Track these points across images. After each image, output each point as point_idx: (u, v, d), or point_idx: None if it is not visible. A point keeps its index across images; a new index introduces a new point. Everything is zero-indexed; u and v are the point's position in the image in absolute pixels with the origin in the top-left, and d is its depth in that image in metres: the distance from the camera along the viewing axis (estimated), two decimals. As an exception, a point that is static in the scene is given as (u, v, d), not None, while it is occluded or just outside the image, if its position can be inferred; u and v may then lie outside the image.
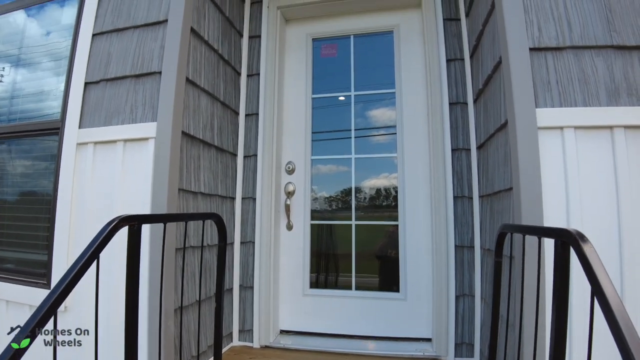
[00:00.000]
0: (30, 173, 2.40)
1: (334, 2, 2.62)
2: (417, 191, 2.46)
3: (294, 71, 2.74)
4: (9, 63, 2.60)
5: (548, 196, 1.48)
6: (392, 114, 2.60)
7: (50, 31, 2.46)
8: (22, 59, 2.55)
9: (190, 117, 2.02)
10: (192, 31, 2.03)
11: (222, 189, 2.38)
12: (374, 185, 2.61)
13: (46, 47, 2.44)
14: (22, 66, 2.55)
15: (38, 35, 2.52)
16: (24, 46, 2.55)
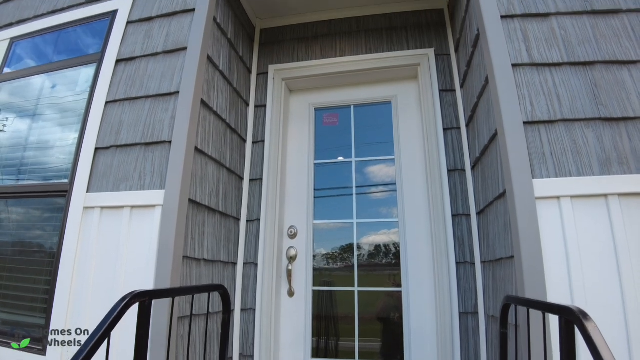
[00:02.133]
0: (34, 234, 2.43)
1: (335, 75, 2.82)
2: (420, 256, 2.49)
3: (297, 138, 2.88)
4: (25, 123, 2.72)
5: (550, 265, 1.52)
6: (392, 179, 2.70)
7: (66, 96, 2.60)
8: (37, 120, 2.68)
9: (197, 184, 2.10)
10: (202, 103, 2.17)
11: (224, 254, 2.42)
12: (377, 249, 2.65)
13: (61, 111, 2.58)
14: (37, 127, 2.66)
15: (54, 99, 2.66)
16: (40, 109, 2.69)
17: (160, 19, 2.41)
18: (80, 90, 2.50)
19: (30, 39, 2.93)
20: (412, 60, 2.75)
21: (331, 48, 2.87)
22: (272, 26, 3.07)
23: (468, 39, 2.29)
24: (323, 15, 2.97)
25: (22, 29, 2.99)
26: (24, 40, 2.95)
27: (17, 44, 2.98)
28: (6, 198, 2.55)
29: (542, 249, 1.53)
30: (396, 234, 2.61)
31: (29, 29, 2.95)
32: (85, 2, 2.79)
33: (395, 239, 2.61)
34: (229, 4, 2.62)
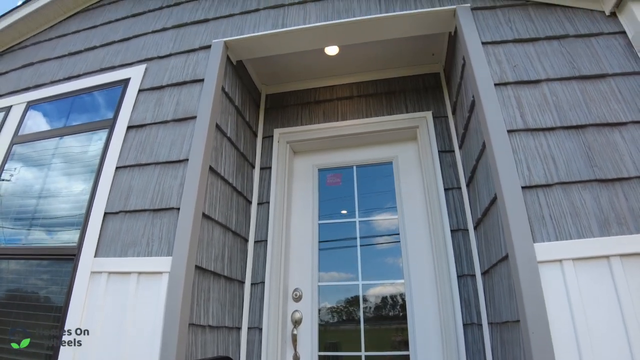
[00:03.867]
0: (40, 296, 2.46)
1: (338, 137, 2.99)
2: (427, 318, 2.51)
3: (302, 199, 2.99)
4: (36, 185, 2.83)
5: (556, 329, 1.56)
6: (395, 238, 2.77)
7: (78, 160, 2.73)
8: (48, 182, 2.78)
9: (203, 250, 2.18)
10: (210, 169, 2.30)
11: (229, 319, 2.44)
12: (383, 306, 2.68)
13: (72, 175, 2.69)
14: (48, 190, 2.76)
15: (66, 163, 2.78)
16: (51, 171, 2.80)
17: (170, 87, 2.60)
18: (92, 155, 2.63)
19: (45, 103, 3.12)
20: (411, 123, 2.92)
21: (333, 112, 3.05)
22: (277, 92, 3.29)
23: (464, 104, 2.45)
24: (325, 82, 3.20)
25: (38, 93, 3.20)
26: (40, 104, 3.14)
27: (33, 107, 3.16)
28: (15, 258, 2.61)
29: (547, 313, 1.58)
30: (402, 290, 2.65)
31: (45, 94, 3.15)
32: (99, 70, 3.00)
33: (401, 296, 2.64)
34: (236, 73, 2.83)
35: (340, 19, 2.53)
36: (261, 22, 2.69)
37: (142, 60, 2.86)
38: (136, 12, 3.28)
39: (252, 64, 3.04)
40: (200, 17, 2.89)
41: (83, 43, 3.36)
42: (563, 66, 2.09)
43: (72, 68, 3.19)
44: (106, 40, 3.20)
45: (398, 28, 2.55)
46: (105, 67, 2.99)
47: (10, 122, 3.19)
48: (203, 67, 2.57)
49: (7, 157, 3.00)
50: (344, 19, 2.52)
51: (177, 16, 3.03)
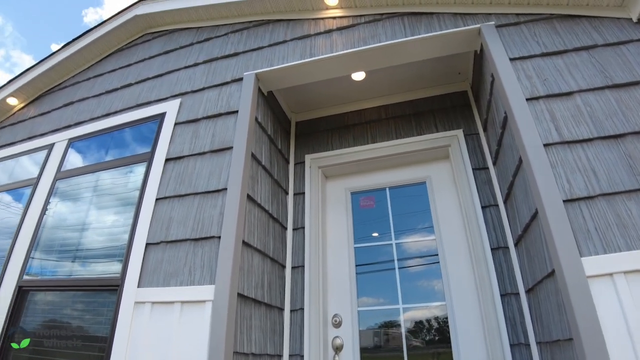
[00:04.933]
0: (87, 327, 2.55)
1: (368, 160, 3.05)
2: (471, 338, 2.48)
3: (336, 223, 3.03)
4: (80, 218, 2.97)
5: (612, 345, 1.53)
6: (434, 259, 2.77)
7: (118, 193, 2.87)
8: (91, 216, 2.93)
9: (244, 277, 2.23)
10: (248, 197, 2.38)
11: (270, 347, 2.47)
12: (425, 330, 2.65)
13: (113, 207, 2.83)
14: (91, 222, 2.91)
15: (107, 196, 2.93)
16: (94, 205, 2.95)
17: (205, 120, 2.73)
18: (132, 188, 2.76)
19: (86, 139, 3.31)
20: (442, 142, 2.95)
21: (363, 135, 3.12)
22: (306, 119, 3.40)
23: (496, 120, 2.48)
24: (353, 106, 3.28)
25: (79, 131, 3.40)
26: (81, 140, 3.34)
27: (74, 144, 3.36)
28: (60, 290, 2.73)
29: (601, 329, 1.55)
30: (444, 312, 2.62)
31: (85, 131, 3.35)
32: (135, 106, 3.17)
33: (443, 319, 2.62)
34: (268, 104, 2.94)
35: (366, 45, 2.63)
36: (289, 53, 2.81)
37: (176, 95, 3.01)
38: (168, 49, 3.47)
39: (281, 93, 3.16)
40: (231, 51, 3.05)
41: (119, 81, 3.56)
42: (594, 76, 2.10)
43: (110, 105, 3.38)
44: (141, 77, 3.39)
45: (424, 50, 2.63)
46: (141, 102, 3.16)
47: (53, 158, 3.39)
48: (236, 99, 2.69)
49: (51, 192, 3.18)
50: (370, 45, 2.61)
51: (208, 51, 3.19)
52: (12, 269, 2.99)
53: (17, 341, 2.44)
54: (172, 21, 3.70)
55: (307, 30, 2.91)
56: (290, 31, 2.96)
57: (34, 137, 3.87)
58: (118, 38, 3.99)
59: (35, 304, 2.87)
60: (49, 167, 3.38)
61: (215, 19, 3.43)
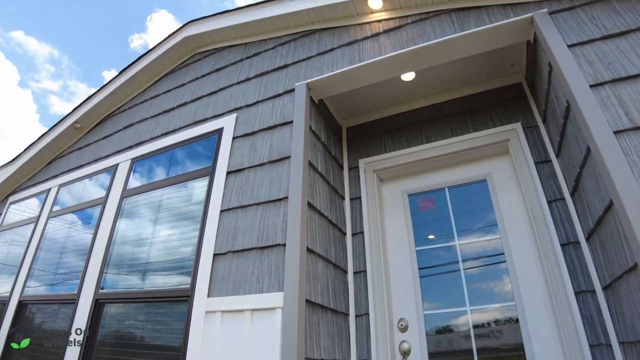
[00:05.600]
0: (158, 337, 2.69)
1: (424, 161, 3.03)
2: (546, 343, 2.38)
3: (395, 226, 3.04)
4: (146, 233, 3.16)
5: None
6: (500, 258, 2.71)
7: (183, 207, 3.03)
8: (157, 230, 3.11)
9: (311, 284, 2.29)
10: (309, 204, 2.44)
11: (338, 353, 2.50)
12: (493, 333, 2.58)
13: (179, 221, 2.99)
14: (158, 237, 3.09)
15: (172, 210, 3.10)
16: (159, 219, 3.13)
17: (262, 132, 2.83)
18: (196, 201, 2.91)
19: (148, 158, 3.52)
20: (501, 137, 2.89)
21: (417, 136, 3.11)
22: (356, 124, 3.44)
23: (557, 111, 2.40)
24: (404, 107, 3.28)
25: (140, 150, 3.62)
26: (143, 159, 3.55)
27: (137, 163, 3.58)
28: (133, 302, 2.90)
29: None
30: (514, 313, 2.55)
31: (146, 150, 3.56)
32: (193, 123, 3.33)
33: (513, 320, 2.54)
34: (319, 112, 3.01)
35: (415, 45, 2.63)
36: (338, 60, 2.87)
37: (232, 110, 3.14)
38: (219, 67, 3.62)
39: (331, 100, 3.21)
40: (280, 64, 3.14)
41: (175, 100, 3.75)
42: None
43: (168, 124, 3.57)
44: (196, 95, 3.56)
45: (475, 45, 2.60)
46: (198, 119, 3.31)
47: (118, 178, 3.63)
48: (290, 110, 2.78)
49: (119, 210, 3.39)
50: (420, 45, 2.61)
51: (258, 66, 3.31)
52: (88, 283, 3.21)
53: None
54: (220, 39, 3.86)
55: (353, 36, 2.95)
56: (337, 38, 3.02)
57: (99, 159, 4.15)
58: (170, 60, 4.21)
59: (110, 315, 3.07)
60: (115, 187, 3.61)
61: (262, 34, 3.55)
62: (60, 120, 5.07)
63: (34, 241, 4.39)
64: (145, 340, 2.81)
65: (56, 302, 3.61)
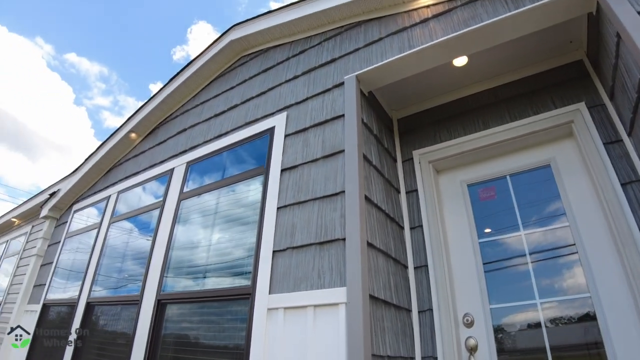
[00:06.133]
0: (221, 335, 2.73)
1: (482, 149, 2.89)
2: (630, 338, 2.20)
3: (455, 219, 2.92)
4: (204, 234, 3.23)
5: None
6: (571, 250, 2.53)
7: (239, 206, 3.06)
8: (215, 230, 3.16)
9: (373, 278, 2.23)
10: (366, 198, 2.38)
11: (403, 349, 2.43)
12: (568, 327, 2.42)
13: (236, 220, 3.02)
14: (216, 237, 3.14)
15: (228, 210, 3.14)
16: (217, 220, 3.18)
17: (313, 128, 2.81)
18: (252, 200, 2.93)
19: (202, 161, 3.60)
20: (563, 119, 2.71)
21: (473, 123, 2.98)
22: (407, 115, 3.34)
23: (628, 85, 2.22)
24: (457, 94, 3.15)
25: (195, 154, 3.71)
26: (198, 162, 3.63)
27: (192, 166, 3.67)
28: (194, 301, 2.95)
29: None
30: (589, 306, 2.37)
31: (200, 153, 3.65)
32: (244, 125, 3.37)
33: (588, 313, 2.36)
34: (370, 105, 2.95)
35: (467, 27, 2.52)
36: (387, 50, 2.79)
37: (282, 109, 3.14)
38: (266, 67, 3.64)
39: (381, 92, 3.13)
40: (327, 59, 3.11)
41: (225, 104, 3.80)
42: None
43: (220, 127, 3.62)
44: (245, 97, 3.59)
45: (530, 22, 2.44)
46: (250, 120, 3.34)
47: (174, 182, 3.72)
48: (340, 103, 2.73)
49: (176, 212, 3.48)
50: (472, 27, 2.49)
51: (305, 63, 3.29)
52: (150, 284, 3.32)
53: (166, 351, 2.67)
54: (265, 40, 3.88)
55: (401, 23, 2.87)
56: (384, 28, 2.94)
57: (155, 164, 4.28)
58: (217, 65, 4.28)
59: (172, 315, 3.15)
60: (172, 190, 3.71)
61: (306, 31, 3.53)
62: (115, 131, 5.29)
63: (97, 246, 4.60)
64: (207, 338, 2.85)
65: (120, 303, 3.75)
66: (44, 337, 4.89)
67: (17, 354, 5.18)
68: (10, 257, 7.59)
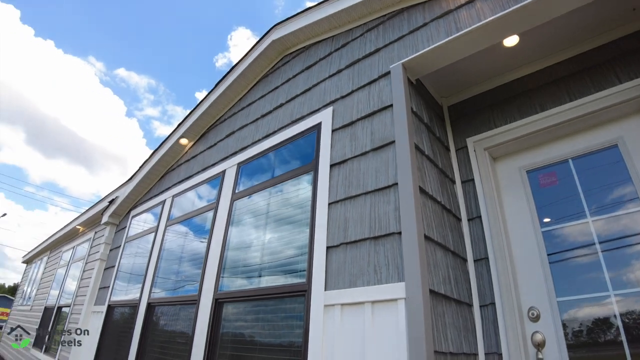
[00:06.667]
0: (277, 332, 2.71)
1: (540, 132, 2.70)
2: None
3: (515, 208, 2.75)
4: (256, 232, 3.24)
5: None
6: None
7: (290, 204, 3.04)
8: (267, 229, 3.16)
9: (432, 273, 2.13)
10: (420, 189, 2.28)
11: (465, 345, 2.31)
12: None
13: (287, 218, 3.00)
14: (268, 235, 3.14)
15: (279, 208, 3.13)
16: (268, 218, 3.18)
17: (361, 121, 2.73)
18: (302, 197, 2.90)
19: (252, 161, 3.61)
20: (630, 94, 2.48)
21: (529, 106, 2.79)
22: (458, 101, 3.18)
23: None
24: (510, 76, 2.97)
25: (245, 155, 3.74)
26: (248, 163, 3.66)
27: (243, 167, 3.70)
28: (250, 300, 2.97)
29: None
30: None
31: (250, 154, 3.68)
32: (291, 123, 3.34)
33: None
34: (418, 93, 2.83)
35: (517, 4, 2.35)
36: (433, 35, 2.67)
37: (327, 104, 3.09)
38: (309, 64, 3.60)
39: (429, 79, 3.01)
40: (371, 49, 3.02)
41: (270, 104, 3.80)
42: None
43: (267, 127, 3.62)
44: (290, 96, 3.57)
45: (590, -10, 2.25)
46: (296, 118, 3.31)
47: (226, 183, 3.78)
48: (388, 93, 2.64)
49: (230, 212, 3.52)
50: (522, 3, 2.32)
51: (348, 55, 3.22)
52: (208, 284, 3.38)
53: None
54: (306, 37, 3.84)
55: (445, 7, 2.73)
56: (428, 13, 2.82)
57: (206, 167, 4.36)
58: (260, 66, 4.29)
59: (229, 313, 3.17)
60: (224, 191, 3.76)
61: (347, 24, 3.46)
62: (166, 138, 5.45)
63: (155, 249, 4.75)
64: (263, 336, 2.85)
65: (180, 303, 3.84)
66: (110, 336, 5.12)
67: (86, 352, 5.45)
68: (77, 262, 8.02)
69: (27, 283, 13.96)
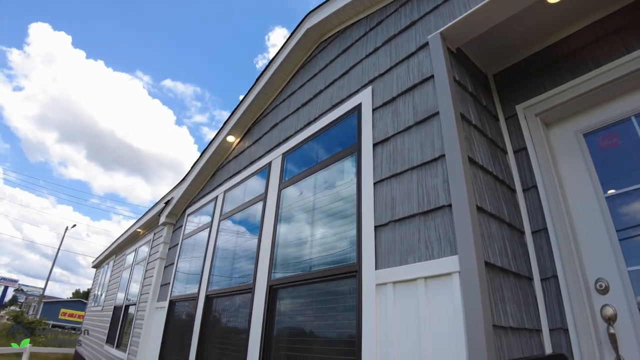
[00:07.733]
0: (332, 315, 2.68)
1: (596, 91, 2.47)
2: None
3: (574, 174, 2.54)
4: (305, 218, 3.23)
5: None
6: None
7: (335, 187, 3.00)
8: (316, 213, 3.14)
9: (487, 245, 2.02)
10: (469, 159, 2.16)
11: (527, 320, 2.17)
12: None
13: (335, 201, 2.96)
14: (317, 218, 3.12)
15: (326, 192, 3.09)
16: (316, 202, 3.16)
17: (402, 96, 2.63)
18: (348, 179, 2.84)
19: (296, 150, 3.61)
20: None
21: (581, 64, 2.56)
22: (503, 68, 2.99)
23: None
24: (557, 36, 2.74)
25: (288, 145, 3.75)
26: (292, 152, 3.66)
27: (287, 157, 3.70)
28: (302, 284, 2.97)
29: None
30: None
31: (293, 143, 3.68)
32: (330, 108, 3.29)
33: None
34: (460, 62, 2.69)
35: (563, -47, 2.16)
36: (470, 0, 2.52)
37: (366, 84, 3.01)
38: (345, 48, 3.53)
39: (470, 47, 2.83)
40: (407, 23, 2.91)
41: (310, 92, 3.77)
42: None
43: (308, 115, 3.59)
44: (328, 81, 3.52)
45: None
46: (336, 102, 3.26)
47: (273, 173, 3.81)
48: (428, 64, 2.53)
49: (278, 200, 3.53)
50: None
51: (384, 33, 3.12)
52: (261, 272, 3.44)
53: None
54: (340, 21, 3.78)
55: (482, -31, 2.57)
56: (463, -22, 2.66)
57: (254, 161, 4.41)
58: (297, 56, 4.27)
59: (282, 298, 3.18)
60: (272, 181, 3.79)
61: (380, 2, 3.37)
62: (214, 137, 5.57)
63: (210, 244, 4.86)
64: (316, 318, 2.84)
65: (236, 292, 3.91)
66: (172, 329, 5.31)
67: (152, 345, 5.68)
68: (139, 262, 8.40)
69: (97, 286, 14.83)
